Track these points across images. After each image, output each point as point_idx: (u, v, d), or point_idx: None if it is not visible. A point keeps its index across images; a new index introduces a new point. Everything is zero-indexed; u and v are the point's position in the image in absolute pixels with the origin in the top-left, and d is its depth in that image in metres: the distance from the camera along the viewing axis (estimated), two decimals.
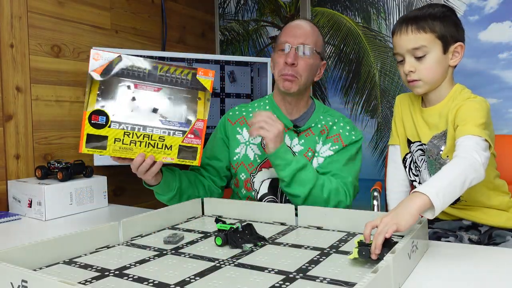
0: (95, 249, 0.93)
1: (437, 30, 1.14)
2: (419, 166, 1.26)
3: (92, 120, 1.03)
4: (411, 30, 1.15)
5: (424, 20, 1.15)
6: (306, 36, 1.32)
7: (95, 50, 1.04)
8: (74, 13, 1.77)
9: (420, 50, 1.14)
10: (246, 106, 1.46)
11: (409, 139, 1.29)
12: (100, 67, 1.03)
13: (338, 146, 1.34)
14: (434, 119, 1.21)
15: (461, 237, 1.20)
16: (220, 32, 2.64)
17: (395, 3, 2.13)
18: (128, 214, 1.25)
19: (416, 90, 1.19)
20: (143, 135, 1.07)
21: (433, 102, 1.22)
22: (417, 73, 1.16)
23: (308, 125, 1.37)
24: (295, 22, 1.39)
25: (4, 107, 1.53)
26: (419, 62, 1.16)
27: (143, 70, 1.08)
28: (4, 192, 1.50)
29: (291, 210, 1.11)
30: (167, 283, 0.73)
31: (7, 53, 1.54)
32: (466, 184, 0.92)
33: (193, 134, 1.11)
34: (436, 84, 1.19)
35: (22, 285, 0.66)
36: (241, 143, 1.39)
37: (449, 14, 1.17)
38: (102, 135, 1.04)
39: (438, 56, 1.15)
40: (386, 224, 0.82)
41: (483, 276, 0.78)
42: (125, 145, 1.05)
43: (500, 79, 1.90)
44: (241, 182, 1.37)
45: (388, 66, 2.16)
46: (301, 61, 1.31)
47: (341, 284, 0.70)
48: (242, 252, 0.89)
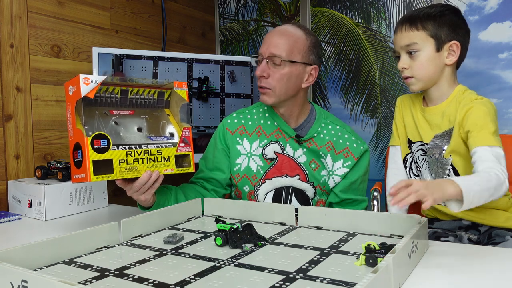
0: (95, 249, 0.93)
1: (429, 28, 1.17)
2: (420, 166, 1.26)
3: (94, 145, 1.00)
4: (405, 28, 1.19)
5: (418, 19, 1.18)
6: (277, 45, 1.27)
7: (83, 75, 1.02)
8: (74, 13, 1.77)
9: (412, 47, 1.18)
10: (244, 113, 1.42)
11: (410, 139, 1.29)
12: (92, 91, 1.02)
13: (350, 161, 1.33)
14: (436, 119, 1.21)
15: (460, 237, 1.20)
16: (220, 32, 2.64)
17: (395, 3, 2.13)
18: (128, 214, 1.25)
19: (410, 87, 1.22)
20: (143, 152, 1.08)
21: (435, 101, 1.23)
22: (410, 70, 1.20)
23: (311, 134, 1.34)
24: (275, 29, 1.34)
25: (4, 107, 1.53)
26: (412, 59, 1.19)
27: (115, 96, 1.10)
28: (4, 192, 1.50)
29: (291, 210, 1.11)
30: (167, 283, 0.73)
31: (7, 53, 1.54)
32: (488, 200, 0.96)
33: (183, 143, 1.16)
34: (430, 81, 1.21)
35: (22, 285, 0.66)
36: (242, 154, 1.37)
37: (447, 13, 1.19)
38: (107, 158, 1.01)
39: (430, 54, 1.18)
40: (419, 189, 0.84)
41: (483, 276, 0.78)
42: (130, 165, 1.05)
43: (500, 79, 1.90)
44: (245, 194, 1.36)
45: (388, 66, 2.16)
46: (272, 72, 1.28)
47: (341, 284, 0.70)
48: (242, 252, 0.89)
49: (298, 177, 1.34)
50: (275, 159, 1.34)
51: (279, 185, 1.34)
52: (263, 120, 1.39)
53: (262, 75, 1.28)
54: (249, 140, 1.37)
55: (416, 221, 0.92)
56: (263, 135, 1.37)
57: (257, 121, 1.39)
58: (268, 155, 1.35)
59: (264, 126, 1.38)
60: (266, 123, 1.38)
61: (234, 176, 1.37)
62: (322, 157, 1.33)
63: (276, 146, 1.35)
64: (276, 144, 1.35)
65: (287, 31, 1.31)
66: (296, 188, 1.34)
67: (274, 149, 1.35)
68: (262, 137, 1.37)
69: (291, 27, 1.32)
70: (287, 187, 1.34)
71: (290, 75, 1.29)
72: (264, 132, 1.37)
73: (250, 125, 1.39)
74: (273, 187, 1.34)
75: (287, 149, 1.35)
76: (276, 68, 1.28)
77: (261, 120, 1.39)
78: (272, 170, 1.34)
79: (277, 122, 1.36)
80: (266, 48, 1.29)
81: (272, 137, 1.36)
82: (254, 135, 1.38)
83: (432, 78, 1.20)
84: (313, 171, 1.33)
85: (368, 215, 1.01)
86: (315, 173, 1.33)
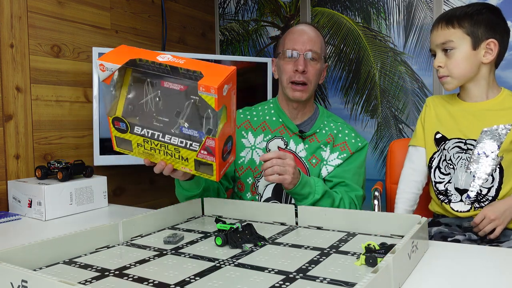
0: (95, 249, 0.93)
1: (466, 26, 1.17)
2: (454, 164, 1.23)
3: (115, 125, 1.01)
4: (441, 26, 1.20)
5: (455, 17, 1.18)
6: (313, 42, 1.34)
7: (99, 62, 0.95)
8: (74, 13, 1.77)
9: (447, 45, 1.18)
10: (250, 110, 1.47)
11: (443, 136, 1.27)
12: (109, 77, 0.97)
13: (346, 154, 1.36)
14: (487, 113, 1.21)
15: (469, 235, 1.20)
16: (220, 32, 2.64)
17: (395, 3, 2.13)
18: (128, 214, 1.25)
19: (445, 86, 1.22)
20: (160, 144, 0.99)
21: (475, 99, 1.23)
22: (446, 68, 1.20)
23: (313, 130, 1.37)
24: (300, 27, 1.39)
25: (4, 107, 1.53)
26: (447, 57, 1.19)
27: (165, 68, 0.93)
28: (4, 192, 1.50)
29: (291, 210, 1.11)
30: (167, 283, 0.73)
31: (7, 53, 1.54)
32: None
33: (205, 151, 0.95)
34: (465, 80, 1.21)
35: (22, 285, 0.66)
36: (246, 147, 1.39)
37: (484, 12, 1.19)
38: (126, 138, 1.03)
39: (466, 52, 1.18)
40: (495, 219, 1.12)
41: (483, 276, 0.78)
42: (147, 151, 1.03)
43: (500, 79, 1.90)
44: (248, 186, 1.37)
45: (388, 66, 2.16)
46: (310, 68, 1.33)
47: (341, 284, 0.70)
48: (242, 252, 0.89)
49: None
50: None
51: None
52: (268, 116, 1.42)
53: (303, 70, 1.31)
54: (254, 134, 1.40)
55: (416, 221, 0.92)
56: (268, 130, 1.40)
57: (262, 117, 1.43)
58: (271, 149, 1.37)
59: (269, 122, 1.41)
60: (272, 119, 1.42)
61: (238, 168, 1.39)
62: (322, 150, 1.36)
63: (280, 141, 1.38)
64: (280, 139, 1.38)
65: (313, 29, 1.39)
66: None
67: (277, 144, 1.37)
68: (267, 132, 1.40)
69: (312, 26, 1.41)
70: None
71: (320, 71, 1.37)
72: (269, 127, 1.40)
73: (255, 121, 1.43)
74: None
75: (290, 144, 1.37)
76: (313, 64, 1.34)
77: (267, 116, 1.43)
78: None
79: (282, 119, 1.39)
80: (302, 44, 1.33)
81: (276, 132, 1.39)
82: (259, 129, 1.41)
83: (467, 76, 1.20)
84: (313, 167, 1.35)
85: (368, 215, 1.01)
86: (315, 169, 1.35)
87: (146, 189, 2.10)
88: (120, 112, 1.00)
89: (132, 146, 1.03)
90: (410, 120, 2.10)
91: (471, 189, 1.15)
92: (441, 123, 1.28)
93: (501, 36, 1.19)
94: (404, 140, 1.63)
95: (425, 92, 2.07)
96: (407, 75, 2.11)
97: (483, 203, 1.20)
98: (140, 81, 0.97)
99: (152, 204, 2.12)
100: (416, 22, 2.09)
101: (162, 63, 0.92)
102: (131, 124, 0.99)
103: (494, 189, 1.20)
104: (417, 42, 2.08)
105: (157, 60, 0.92)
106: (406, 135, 2.11)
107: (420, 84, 2.08)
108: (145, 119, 0.98)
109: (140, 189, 2.08)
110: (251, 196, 1.36)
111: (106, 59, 0.94)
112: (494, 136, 1.14)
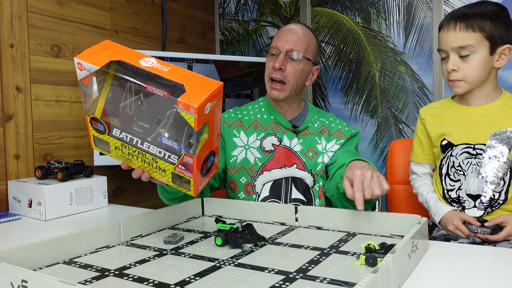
0: (95, 249, 0.93)
1: (487, 30, 1.10)
2: (464, 170, 1.20)
3: (93, 125, 0.98)
4: (460, 28, 1.12)
5: (474, 19, 1.11)
6: (296, 41, 1.33)
7: (77, 60, 0.90)
8: (74, 13, 1.77)
9: (466, 49, 1.12)
10: (240, 109, 1.47)
11: (449, 143, 1.23)
12: (86, 77, 0.91)
13: (343, 139, 1.39)
14: (494, 117, 1.17)
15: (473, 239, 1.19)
16: (220, 32, 2.64)
17: (395, 3, 2.13)
18: (128, 214, 1.25)
19: (455, 89, 1.17)
20: (138, 151, 0.94)
21: (479, 101, 1.20)
22: (460, 72, 1.14)
23: (305, 124, 1.40)
24: (289, 26, 1.40)
25: (4, 107, 1.53)
26: (463, 61, 1.13)
27: (146, 73, 0.88)
28: (4, 192, 1.50)
29: (291, 210, 1.11)
30: (167, 283, 0.73)
31: (7, 53, 1.54)
32: None
33: (183, 166, 0.90)
34: (477, 85, 1.16)
35: (22, 285, 0.66)
36: (238, 146, 1.39)
37: (501, 14, 1.13)
38: (104, 140, 0.99)
39: (484, 57, 1.12)
40: None
41: (483, 276, 0.78)
42: (124, 155, 0.98)
43: (500, 79, 1.89)
44: (241, 186, 1.37)
45: (388, 66, 2.16)
46: (289, 67, 1.33)
47: (341, 284, 0.70)
48: (242, 252, 0.89)
49: (295, 165, 1.36)
50: (273, 151, 1.37)
51: (278, 176, 1.35)
52: (259, 115, 1.43)
53: (279, 68, 1.31)
54: (246, 133, 1.40)
55: (416, 221, 0.92)
56: (260, 129, 1.40)
57: (253, 116, 1.43)
58: (266, 147, 1.37)
59: (261, 120, 1.42)
60: (263, 117, 1.42)
61: (229, 168, 1.38)
62: (317, 143, 1.38)
63: (274, 138, 1.38)
64: (273, 136, 1.39)
65: (303, 29, 1.38)
66: (295, 178, 1.36)
67: (271, 141, 1.38)
68: (259, 131, 1.40)
69: (304, 27, 1.40)
70: (286, 178, 1.36)
71: (302, 71, 1.36)
72: (261, 126, 1.41)
73: (246, 120, 1.43)
74: (272, 178, 1.35)
75: (284, 140, 1.38)
76: (293, 63, 1.33)
77: (258, 114, 1.43)
78: (270, 162, 1.36)
79: (274, 115, 1.41)
80: (285, 42, 1.33)
81: (269, 130, 1.40)
82: (251, 128, 1.41)
83: (480, 81, 1.16)
84: (309, 160, 1.36)
85: (368, 215, 1.01)
86: (312, 161, 1.36)
87: (146, 189, 2.10)
88: (99, 113, 0.93)
89: (110, 148, 0.98)
90: (410, 120, 2.10)
91: (484, 194, 1.14)
92: (446, 130, 1.24)
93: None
94: (404, 140, 1.63)
95: (425, 92, 2.07)
96: (407, 75, 2.11)
97: (495, 207, 1.19)
98: (122, 80, 0.90)
99: (152, 204, 2.11)
100: (416, 22, 2.08)
101: (145, 69, 0.87)
102: (110, 126, 0.94)
103: (504, 192, 1.18)
104: (417, 42, 2.08)
105: (140, 65, 0.87)
106: (406, 135, 2.11)
107: (420, 84, 2.08)
108: (125, 121, 0.92)
109: (140, 189, 2.08)
110: (244, 196, 1.36)
111: (85, 58, 0.89)
112: (503, 140, 1.11)
